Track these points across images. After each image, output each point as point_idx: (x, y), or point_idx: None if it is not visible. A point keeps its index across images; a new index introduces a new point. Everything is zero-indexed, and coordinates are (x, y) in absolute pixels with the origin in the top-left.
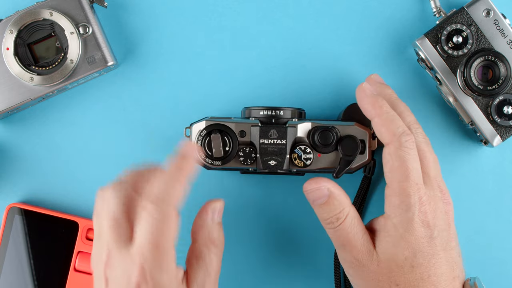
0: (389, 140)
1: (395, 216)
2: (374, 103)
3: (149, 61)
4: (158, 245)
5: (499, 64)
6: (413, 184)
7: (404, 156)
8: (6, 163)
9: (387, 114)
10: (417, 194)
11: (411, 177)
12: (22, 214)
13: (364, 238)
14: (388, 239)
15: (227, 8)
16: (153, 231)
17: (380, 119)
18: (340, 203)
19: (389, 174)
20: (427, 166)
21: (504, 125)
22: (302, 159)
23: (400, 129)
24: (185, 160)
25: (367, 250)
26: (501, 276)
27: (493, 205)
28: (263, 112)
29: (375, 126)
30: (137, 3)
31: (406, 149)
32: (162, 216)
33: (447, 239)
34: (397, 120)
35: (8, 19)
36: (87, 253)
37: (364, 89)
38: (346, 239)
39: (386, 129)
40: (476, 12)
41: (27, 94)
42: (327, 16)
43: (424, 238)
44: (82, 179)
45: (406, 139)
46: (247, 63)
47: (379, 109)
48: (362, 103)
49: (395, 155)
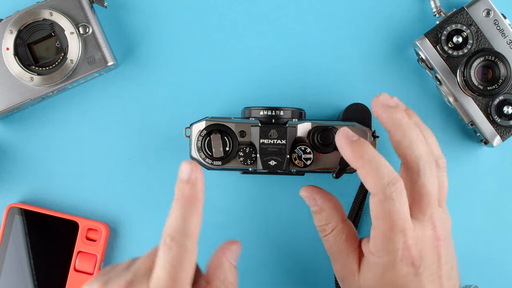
0: (374, 192)
1: (378, 257)
2: (354, 153)
3: (149, 61)
4: (175, 278)
5: (499, 64)
6: (398, 232)
7: (389, 208)
8: (6, 163)
9: (370, 164)
10: (402, 240)
11: (395, 227)
12: (22, 214)
13: (349, 258)
14: (370, 272)
15: (227, 8)
16: (172, 262)
17: (363, 170)
18: (327, 216)
19: (374, 220)
20: (426, 205)
21: (504, 125)
22: (302, 159)
23: (385, 179)
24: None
25: (350, 270)
26: (500, 277)
27: (493, 205)
28: (263, 112)
29: (360, 177)
30: (137, 3)
31: (392, 201)
32: (181, 250)
33: (435, 271)
34: (381, 169)
35: (8, 19)
36: (87, 253)
37: (341, 137)
38: (331, 253)
39: (370, 180)
40: (476, 12)
41: (27, 94)
42: (327, 16)
43: (407, 276)
44: (82, 179)
45: (391, 190)
46: (247, 63)
47: (360, 159)
48: (343, 154)
49: (380, 207)
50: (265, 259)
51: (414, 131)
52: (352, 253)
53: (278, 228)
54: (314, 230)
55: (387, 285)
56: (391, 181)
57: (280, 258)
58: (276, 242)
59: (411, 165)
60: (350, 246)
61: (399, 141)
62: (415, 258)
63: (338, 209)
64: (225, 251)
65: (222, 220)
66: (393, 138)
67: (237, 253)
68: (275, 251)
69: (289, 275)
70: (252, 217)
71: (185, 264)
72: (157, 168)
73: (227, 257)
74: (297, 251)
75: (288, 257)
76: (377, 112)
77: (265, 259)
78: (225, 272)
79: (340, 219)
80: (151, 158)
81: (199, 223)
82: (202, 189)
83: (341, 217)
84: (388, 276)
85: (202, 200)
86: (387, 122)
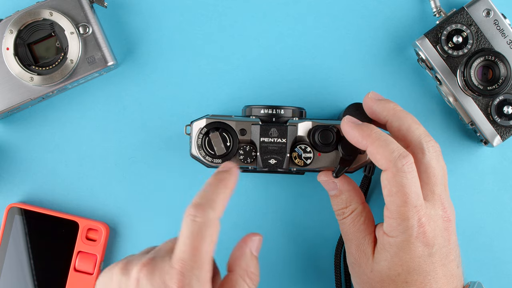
0: (386, 167)
1: (393, 236)
2: (362, 133)
3: (149, 61)
4: (197, 249)
5: (499, 64)
6: (412, 207)
7: (401, 182)
8: (6, 163)
9: (378, 140)
10: (416, 216)
11: (409, 201)
12: (22, 214)
13: (365, 240)
14: (384, 254)
15: (227, 8)
16: (194, 232)
17: (372, 147)
18: (347, 198)
19: (388, 198)
20: (433, 183)
21: (504, 125)
22: (302, 158)
23: (395, 153)
24: (227, 173)
25: (365, 253)
26: (501, 276)
27: (493, 205)
28: (264, 111)
29: (370, 155)
30: (137, 3)
31: (404, 174)
32: (204, 220)
33: (446, 254)
34: (390, 144)
35: (8, 19)
36: (87, 253)
37: (347, 122)
38: (347, 235)
39: (380, 156)
40: (476, 12)
41: (27, 94)
42: (327, 16)
43: (421, 257)
44: (82, 179)
45: (402, 163)
46: (247, 62)
47: (368, 137)
48: (350, 137)
49: (393, 181)
50: (264, 259)
51: (409, 115)
52: (368, 235)
53: (277, 227)
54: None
55: (401, 267)
56: (402, 154)
57: (279, 256)
58: (275, 241)
59: (415, 145)
60: (368, 228)
61: (399, 127)
62: (429, 237)
63: (358, 191)
64: (247, 242)
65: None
66: (392, 125)
67: (259, 244)
68: (274, 250)
69: (289, 274)
70: (251, 216)
71: (207, 236)
72: (157, 168)
73: (249, 247)
74: (297, 250)
75: (288, 256)
76: (371, 108)
77: (265, 258)
78: (247, 261)
79: (360, 201)
80: (151, 158)
81: (224, 203)
82: (235, 178)
83: (361, 199)
84: (403, 256)
85: (233, 186)
86: (383, 112)
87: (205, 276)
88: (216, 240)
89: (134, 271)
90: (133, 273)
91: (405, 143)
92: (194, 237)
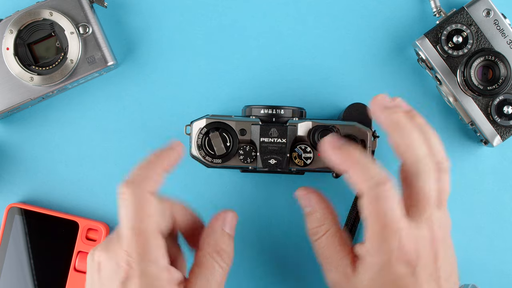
0: (363, 192)
1: (373, 256)
2: (341, 157)
3: (149, 61)
4: (137, 230)
5: (499, 64)
6: (391, 232)
7: (378, 208)
8: (6, 163)
9: (357, 165)
10: (396, 238)
11: (388, 226)
12: (22, 214)
13: (344, 261)
14: (365, 274)
15: (227, 8)
16: (129, 215)
17: (351, 172)
18: (321, 216)
19: (366, 221)
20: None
21: (504, 125)
22: (302, 158)
23: (374, 179)
24: (165, 150)
25: (345, 274)
26: (501, 276)
27: (493, 205)
28: (264, 111)
29: (349, 179)
30: (137, 3)
31: (382, 200)
32: (135, 198)
33: (432, 272)
34: (369, 169)
35: (8, 19)
36: (87, 253)
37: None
38: (324, 257)
39: (358, 180)
40: (476, 12)
41: (27, 94)
42: (327, 16)
43: (404, 276)
44: (82, 179)
45: (381, 189)
46: (247, 62)
47: (347, 162)
48: (329, 161)
49: (371, 207)
50: (264, 258)
51: (413, 133)
52: (346, 256)
53: (277, 227)
54: None
55: (384, 286)
56: (381, 180)
57: (278, 256)
58: (275, 241)
59: (409, 167)
60: (345, 249)
61: (398, 143)
62: (411, 257)
63: (331, 211)
64: (218, 219)
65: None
66: (391, 139)
67: (231, 221)
68: (274, 250)
69: (288, 273)
70: (251, 216)
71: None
72: None
73: (219, 224)
74: (296, 250)
75: (288, 256)
76: (375, 113)
77: (264, 258)
78: (216, 238)
79: (334, 221)
80: None
81: (158, 178)
82: (176, 155)
83: (335, 219)
84: (385, 276)
85: (172, 161)
86: (384, 123)
87: (153, 252)
88: (155, 214)
89: (96, 255)
90: (95, 257)
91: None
92: (129, 218)
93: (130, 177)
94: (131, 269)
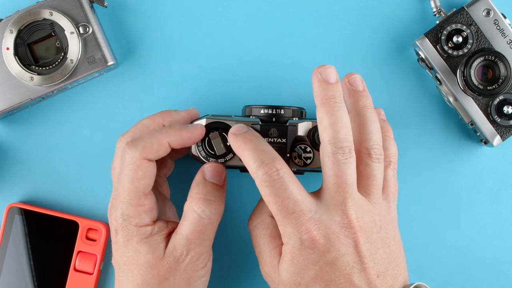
0: (253, 175)
1: (285, 243)
2: (236, 142)
3: (149, 61)
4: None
5: (499, 64)
6: (288, 214)
7: (267, 190)
8: (6, 163)
9: (249, 148)
10: (298, 222)
11: (284, 208)
12: (22, 214)
13: (272, 253)
14: (283, 264)
15: (227, 8)
16: (123, 168)
17: (243, 155)
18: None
19: (267, 204)
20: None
21: (504, 125)
22: (302, 158)
23: (262, 161)
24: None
25: (272, 266)
26: (501, 276)
27: (493, 205)
28: (264, 111)
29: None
30: (137, 3)
31: (268, 182)
32: (129, 158)
33: (353, 262)
34: (260, 151)
35: (8, 19)
36: (87, 253)
37: (230, 133)
38: (257, 247)
39: (248, 163)
40: (476, 12)
41: (27, 94)
42: (327, 16)
43: (317, 264)
44: (82, 179)
45: (265, 171)
46: (247, 62)
47: (241, 146)
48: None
49: (265, 189)
50: None
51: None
52: (274, 249)
53: None
54: None
55: (298, 275)
56: (268, 162)
57: None
58: None
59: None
60: (273, 242)
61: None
62: (319, 242)
63: None
64: (200, 170)
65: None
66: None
67: (212, 170)
68: None
69: None
70: None
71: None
72: None
73: (201, 174)
74: None
75: None
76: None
77: None
78: (199, 187)
79: (269, 213)
80: None
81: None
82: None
83: (269, 212)
84: (297, 264)
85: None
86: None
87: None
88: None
89: (120, 143)
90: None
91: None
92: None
93: (135, 141)
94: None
